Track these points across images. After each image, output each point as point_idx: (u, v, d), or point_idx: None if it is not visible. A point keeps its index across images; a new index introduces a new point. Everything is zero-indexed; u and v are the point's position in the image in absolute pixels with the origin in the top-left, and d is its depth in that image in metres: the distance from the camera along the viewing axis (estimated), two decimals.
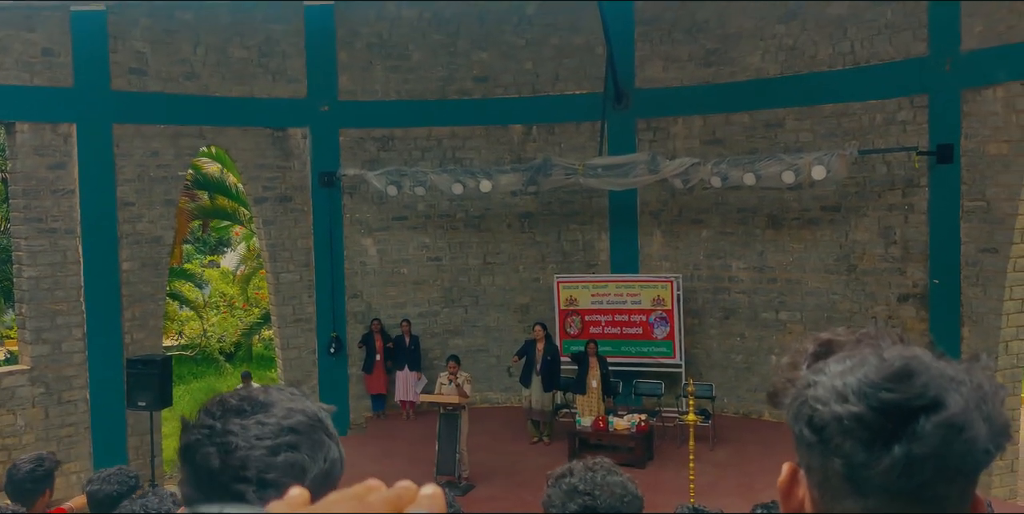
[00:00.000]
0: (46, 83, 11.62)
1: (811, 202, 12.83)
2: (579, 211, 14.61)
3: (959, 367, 0.97)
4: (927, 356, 0.96)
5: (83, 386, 11.85)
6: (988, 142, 10.54)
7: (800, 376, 1.01)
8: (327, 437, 1.27)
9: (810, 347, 1.04)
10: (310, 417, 1.26)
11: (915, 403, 0.91)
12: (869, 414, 0.92)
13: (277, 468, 1.19)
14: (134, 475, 4.14)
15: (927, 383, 0.92)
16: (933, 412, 0.91)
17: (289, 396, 1.29)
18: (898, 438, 0.91)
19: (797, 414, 0.98)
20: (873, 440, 0.92)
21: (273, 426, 1.23)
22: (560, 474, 2.35)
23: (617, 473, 2.37)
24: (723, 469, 11.05)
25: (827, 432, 0.94)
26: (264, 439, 1.21)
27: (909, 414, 0.91)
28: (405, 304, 14.63)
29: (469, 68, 14.50)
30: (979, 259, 10.68)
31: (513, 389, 13.98)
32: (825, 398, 0.95)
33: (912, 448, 0.91)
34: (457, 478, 10.86)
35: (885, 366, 0.94)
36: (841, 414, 0.93)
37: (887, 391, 0.92)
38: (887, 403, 0.92)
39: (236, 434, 1.22)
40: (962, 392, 0.93)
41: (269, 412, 1.24)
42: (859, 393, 0.93)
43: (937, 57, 11.11)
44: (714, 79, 13.53)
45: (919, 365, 0.94)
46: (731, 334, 13.75)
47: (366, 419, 14.22)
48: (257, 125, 13.49)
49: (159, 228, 12.67)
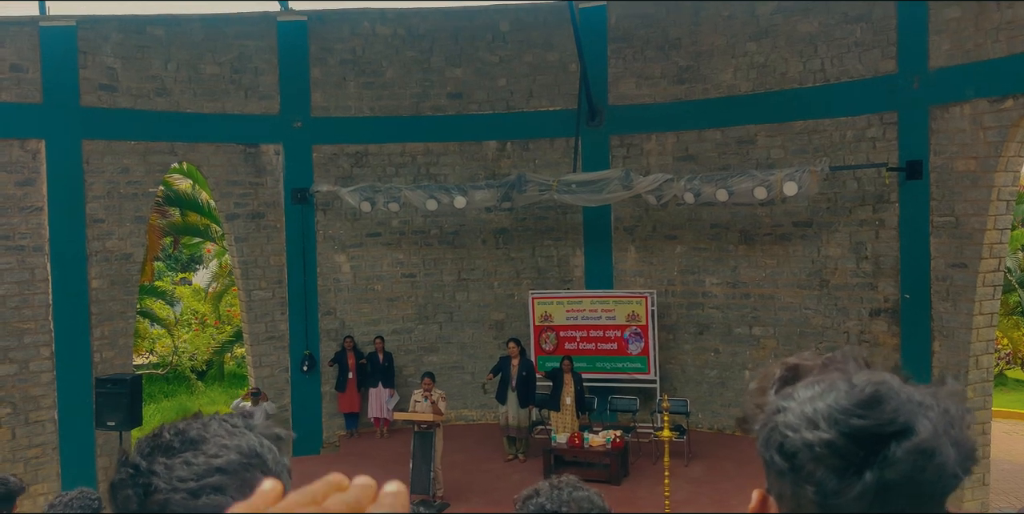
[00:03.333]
0: (14, 99, 11.51)
1: (783, 218, 12.92)
2: (553, 227, 14.63)
3: (926, 391, 0.96)
4: (895, 381, 0.96)
5: (51, 406, 11.67)
6: (956, 158, 10.67)
7: (768, 402, 0.99)
8: (263, 474, 1.17)
9: (777, 372, 1.03)
10: (245, 454, 1.17)
11: (886, 429, 0.91)
12: (840, 441, 0.91)
13: (198, 511, 1.11)
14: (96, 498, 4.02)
15: (897, 409, 0.92)
16: (904, 438, 0.91)
17: (229, 430, 1.19)
18: (869, 464, 0.90)
19: (767, 441, 0.97)
20: (845, 467, 0.91)
21: (199, 466, 1.14)
22: (527, 496, 2.37)
23: (583, 488, 2.38)
24: (698, 485, 11.04)
25: (798, 459, 0.93)
26: (187, 481, 1.13)
27: (880, 440, 0.91)
28: (379, 321, 14.56)
29: (443, 85, 14.52)
30: (949, 274, 10.78)
31: (488, 406, 13.92)
32: (795, 424, 0.94)
33: (884, 474, 0.90)
34: (432, 497, 10.77)
35: (855, 392, 0.93)
36: (812, 441, 0.92)
37: (858, 417, 0.91)
38: (858, 429, 0.91)
39: (159, 475, 1.14)
40: (930, 417, 0.93)
41: (199, 450, 1.16)
42: (830, 419, 0.92)
43: (906, 75, 11.25)
44: (687, 96, 13.63)
45: (888, 391, 0.93)
46: (705, 349, 13.78)
47: (339, 438, 14.10)
48: (229, 141, 13.43)
49: (129, 245, 12.54)
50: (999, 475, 11.77)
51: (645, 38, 13.90)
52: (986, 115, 10.30)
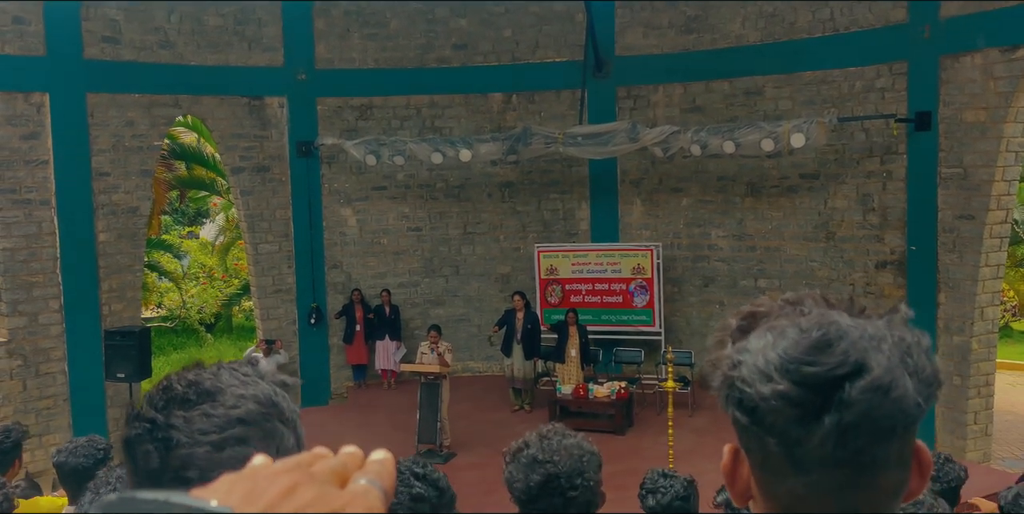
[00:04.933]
0: (18, 52, 11.41)
1: (790, 170, 12.86)
2: (559, 180, 14.58)
3: (879, 323, 0.95)
4: (844, 319, 0.94)
5: (61, 358, 11.78)
6: (965, 109, 10.56)
7: (724, 356, 0.98)
8: (281, 424, 1.15)
9: (733, 322, 1.01)
10: (263, 403, 1.14)
11: (837, 372, 0.90)
12: (794, 390, 0.91)
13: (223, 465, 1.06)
14: (103, 446, 4.01)
15: (846, 349, 0.91)
16: (857, 377, 0.90)
17: (241, 379, 1.17)
18: (827, 409, 0.90)
19: (727, 397, 0.97)
20: (803, 415, 0.91)
21: (220, 418, 1.11)
22: (516, 449, 2.36)
23: (571, 435, 2.39)
24: (702, 435, 11.16)
25: (758, 413, 0.93)
26: (209, 434, 1.10)
27: (833, 383, 0.90)
28: (385, 274, 14.61)
29: (448, 36, 14.36)
30: (956, 226, 10.75)
31: (494, 358, 14.02)
32: (751, 379, 0.93)
33: (842, 417, 0.90)
34: (438, 446, 10.91)
35: (803, 338, 0.92)
36: (767, 394, 0.92)
37: (808, 364, 0.91)
38: (810, 377, 0.91)
39: (179, 428, 1.11)
40: (884, 350, 0.92)
41: (216, 401, 1.13)
42: (781, 370, 0.91)
43: (916, 24, 11.09)
44: (694, 46, 13.47)
45: (837, 332, 0.92)
46: (710, 302, 13.82)
47: (347, 389, 14.25)
48: (233, 94, 13.34)
49: (136, 198, 12.55)
50: (1002, 426, 11.85)
51: None
52: (997, 65, 10.17)
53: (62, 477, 3.96)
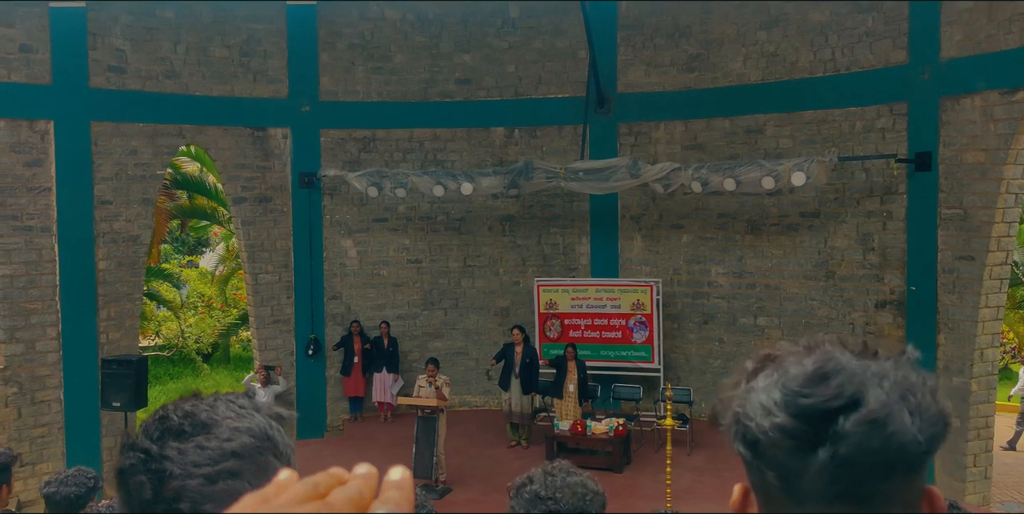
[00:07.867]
0: (24, 80, 11.50)
1: (790, 208, 12.89)
2: (560, 215, 14.62)
3: (886, 363, 0.95)
4: (846, 356, 0.95)
5: (57, 386, 11.73)
6: (966, 150, 10.62)
7: (735, 395, 0.99)
8: (275, 458, 1.14)
9: (750, 365, 1.02)
10: (257, 437, 1.13)
11: (832, 404, 0.91)
12: (791, 422, 0.91)
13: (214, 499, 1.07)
14: (93, 476, 4.00)
15: (842, 383, 0.92)
16: (852, 411, 0.90)
17: (237, 411, 1.16)
18: (821, 442, 0.90)
19: (734, 434, 0.98)
20: (798, 447, 0.91)
21: (214, 451, 1.10)
22: (520, 484, 2.34)
23: (576, 473, 2.36)
24: (700, 474, 11.07)
25: (759, 447, 0.94)
26: (202, 466, 1.09)
27: (828, 416, 0.91)
28: (384, 306, 14.59)
29: (452, 70, 14.48)
30: (956, 266, 10.75)
31: (492, 392, 13.95)
32: (754, 413, 0.94)
33: (837, 449, 0.90)
34: (434, 481, 10.81)
35: (802, 372, 0.94)
36: (766, 427, 0.93)
37: (804, 397, 0.92)
38: (805, 408, 0.91)
39: (172, 460, 1.10)
40: (884, 386, 0.92)
41: (211, 434, 1.12)
42: (781, 403, 0.92)
43: (917, 65, 11.19)
44: (696, 85, 13.58)
45: (835, 366, 0.93)
46: (710, 339, 13.78)
47: (343, 421, 14.15)
48: (237, 125, 13.42)
49: (136, 227, 12.57)
50: (1002, 469, 11.77)
51: (655, 25, 13.84)
52: (997, 107, 10.24)
53: (51, 507, 3.93)
